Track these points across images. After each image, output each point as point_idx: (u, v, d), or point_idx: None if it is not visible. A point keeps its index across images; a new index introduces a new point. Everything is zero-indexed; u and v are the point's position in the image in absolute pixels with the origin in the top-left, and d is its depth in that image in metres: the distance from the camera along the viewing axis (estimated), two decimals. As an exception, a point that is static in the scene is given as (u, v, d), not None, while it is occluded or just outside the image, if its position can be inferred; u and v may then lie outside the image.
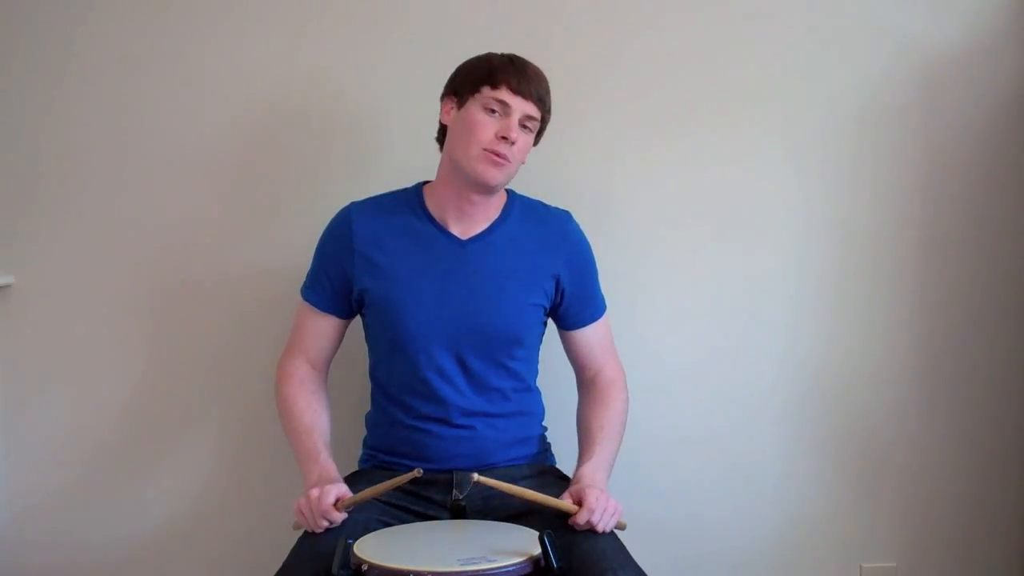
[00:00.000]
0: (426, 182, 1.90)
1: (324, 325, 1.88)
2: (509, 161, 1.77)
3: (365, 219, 1.85)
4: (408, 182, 1.91)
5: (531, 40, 1.98)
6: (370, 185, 1.96)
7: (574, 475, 1.78)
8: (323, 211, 1.92)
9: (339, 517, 1.66)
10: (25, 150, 2.10)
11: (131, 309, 2.13)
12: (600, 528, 1.66)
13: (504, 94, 1.76)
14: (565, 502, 1.68)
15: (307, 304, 1.89)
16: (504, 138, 1.75)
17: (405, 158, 2.03)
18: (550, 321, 1.94)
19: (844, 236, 2.19)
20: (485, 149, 1.76)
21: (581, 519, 1.65)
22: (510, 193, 1.92)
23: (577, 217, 1.94)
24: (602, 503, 1.66)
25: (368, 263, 1.83)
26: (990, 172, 2.18)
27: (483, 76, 1.78)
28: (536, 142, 1.86)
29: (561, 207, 1.94)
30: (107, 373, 2.14)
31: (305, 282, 1.90)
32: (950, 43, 2.16)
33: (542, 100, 1.80)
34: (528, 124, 1.79)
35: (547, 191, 1.97)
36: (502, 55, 1.82)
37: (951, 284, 2.20)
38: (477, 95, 1.77)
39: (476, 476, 1.63)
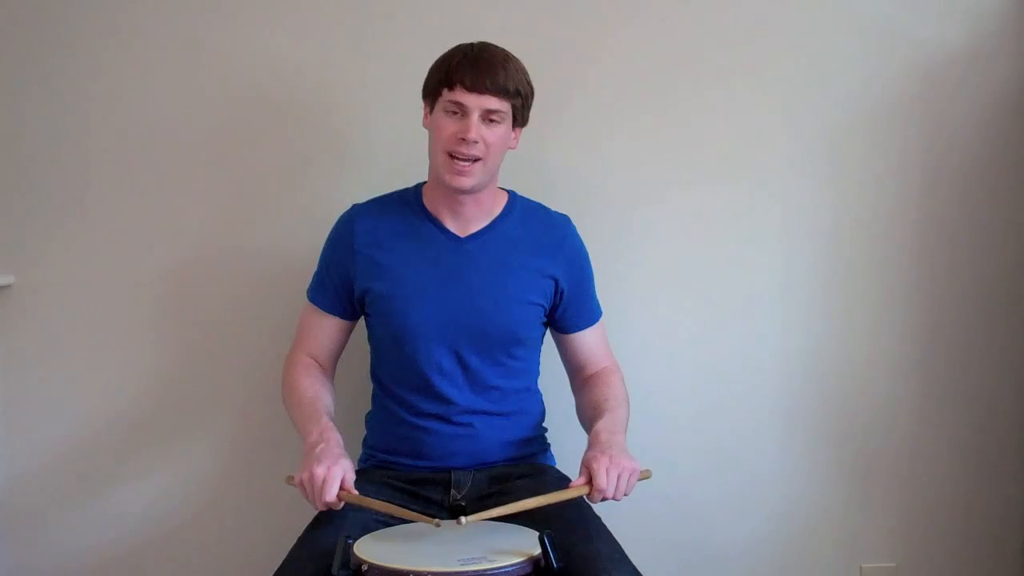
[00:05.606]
0: (425, 181, 1.90)
1: (328, 326, 1.89)
2: (477, 159, 1.74)
3: (366, 220, 1.86)
4: (410, 175, 1.91)
5: (525, 34, 1.97)
6: (373, 182, 1.97)
7: (589, 437, 1.74)
8: (327, 208, 1.94)
9: (339, 506, 1.63)
10: (25, 150, 2.10)
11: (131, 309, 2.13)
12: (618, 497, 1.63)
13: (459, 94, 1.72)
14: (573, 489, 1.63)
15: (312, 305, 1.89)
16: (463, 139, 1.73)
17: (408, 152, 2.02)
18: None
19: (842, 235, 2.18)
20: (447, 152, 1.74)
21: (595, 500, 1.63)
22: (511, 194, 1.92)
23: (575, 220, 1.94)
24: (611, 471, 1.61)
25: (370, 263, 1.83)
26: (990, 172, 2.18)
27: (441, 78, 1.75)
28: (523, 123, 1.82)
29: (561, 211, 1.94)
30: (107, 373, 2.14)
31: (311, 284, 1.91)
32: (950, 43, 2.16)
33: (505, 89, 1.73)
34: (493, 117, 1.74)
35: (545, 194, 1.97)
36: (464, 49, 1.76)
37: (950, 283, 2.20)
38: (440, 99, 1.75)
39: (464, 520, 1.54)
